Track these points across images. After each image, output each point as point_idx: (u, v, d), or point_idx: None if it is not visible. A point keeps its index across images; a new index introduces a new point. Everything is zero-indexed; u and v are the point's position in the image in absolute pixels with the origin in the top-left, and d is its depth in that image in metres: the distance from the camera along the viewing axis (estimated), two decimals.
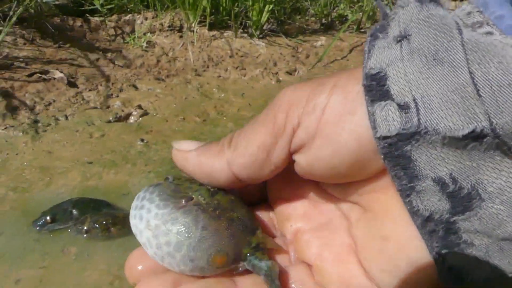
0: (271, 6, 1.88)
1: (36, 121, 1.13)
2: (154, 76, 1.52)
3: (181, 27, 1.82)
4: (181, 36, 1.79)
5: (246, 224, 0.28)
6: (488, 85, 0.17)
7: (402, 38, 0.20)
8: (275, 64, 1.79)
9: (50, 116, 1.16)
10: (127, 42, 1.69)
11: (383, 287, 0.22)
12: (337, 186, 0.26)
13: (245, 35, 1.89)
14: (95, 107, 1.26)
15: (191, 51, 1.72)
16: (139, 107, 1.27)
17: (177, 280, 0.26)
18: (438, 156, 0.18)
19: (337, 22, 2.20)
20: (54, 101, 1.26)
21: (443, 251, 0.20)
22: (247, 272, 0.27)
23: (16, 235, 0.73)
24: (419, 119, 0.18)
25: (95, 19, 1.71)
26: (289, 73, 1.71)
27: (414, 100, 0.19)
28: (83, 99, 1.32)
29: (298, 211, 0.28)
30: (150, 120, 1.22)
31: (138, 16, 1.79)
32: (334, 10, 2.22)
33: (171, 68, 1.64)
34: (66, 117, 1.18)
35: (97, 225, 0.74)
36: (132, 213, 0.29)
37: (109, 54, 1.62)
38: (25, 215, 0.77)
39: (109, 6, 1.70)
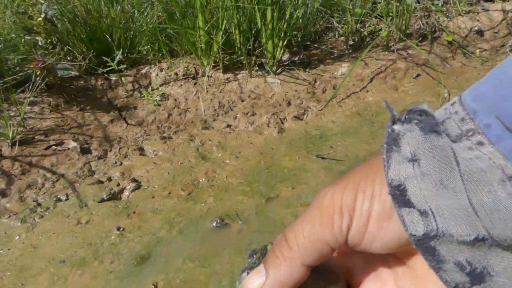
0: (286, 40, 1.80)
1: (39, 204, 1.24)
2: (160, 135, 1.57)
3: (196, 73, 1.84)
4: (195, 84, 1.81)
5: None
6: (483, 209, 0.23)
7: (414, 160, 0.25)
8: (288, 104, 1.72)
9: (52, 197, 1.27)
10: (143, 96, 1.77)
11: None
12: None
13: (262, 72, 1.85)
14: (98, 181, 1.34)
15: (203, 99, 1.73)
16: (134, 180, 1.33)
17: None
18: (455, 249, 0.24)
19: (367, 40, 2.03)
20: (63, 175, 1.38)
21: None
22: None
23: None
24: (437, 225, 0.24)
25: (114, 77, 1.80)
26: (297, 117, 1.64)
27: (431, 209, 0.24)
28: (89, 169, 1.42)
29: (359, 265, 0.34)
30: (139, 196, 1.26)
31: (154, 68, 1.85)
32: (366, 27, 2.06)
33: (181, 121, 1.67)
34: (67, 196, 1.28)
35: None
36: None
37: (124, 113, 1.70)
38: None
39: (123, 66, 1.78)
